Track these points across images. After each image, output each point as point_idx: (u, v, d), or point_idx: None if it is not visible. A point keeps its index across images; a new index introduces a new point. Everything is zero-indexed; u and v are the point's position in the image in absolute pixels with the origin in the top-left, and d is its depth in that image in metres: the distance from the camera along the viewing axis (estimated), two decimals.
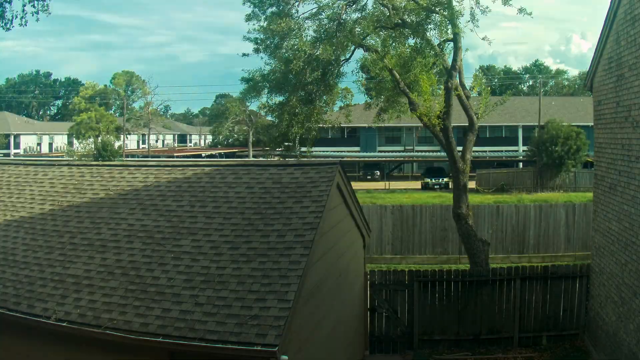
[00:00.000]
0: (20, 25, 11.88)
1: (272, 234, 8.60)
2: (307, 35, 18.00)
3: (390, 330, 14.46)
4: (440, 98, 17.60)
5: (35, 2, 11.84)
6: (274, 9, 17.81)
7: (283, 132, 19.13)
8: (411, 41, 18.81)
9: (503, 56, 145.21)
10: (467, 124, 17.70)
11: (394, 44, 18.62)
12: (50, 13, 12.13)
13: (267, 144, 22.57)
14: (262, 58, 18.62)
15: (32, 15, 11.95)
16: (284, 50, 18.09)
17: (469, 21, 16.94)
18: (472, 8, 16.63)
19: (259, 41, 18.22)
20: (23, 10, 11.81)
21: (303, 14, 18.11)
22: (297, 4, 17.88)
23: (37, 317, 7.82)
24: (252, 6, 18.03)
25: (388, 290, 14.49)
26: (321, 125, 20.25)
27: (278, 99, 19.23)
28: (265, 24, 17.79)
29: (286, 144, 19.92)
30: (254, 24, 18.11)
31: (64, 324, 7.58)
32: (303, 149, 20.12)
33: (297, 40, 17.60)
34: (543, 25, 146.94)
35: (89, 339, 7.50)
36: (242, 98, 26.85)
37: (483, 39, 23.74)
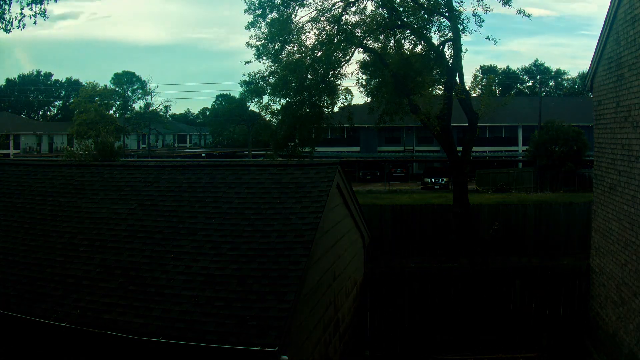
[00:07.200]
0: (19, 27, 11.92)
1: (272, 234, 8.60)
2: (307, 38, 18.08)
3: (390, 330, 14.45)
4: (441, 99, 17.63)
5: (33, 5, 11.87)
6: (274, 14, 17.83)
7: (287, 134, 19.13)
8: (411, 42, 18.83)
9: (504, 55, 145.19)
10: (467, 124, 17.71)
11: (394, 45, 18.64)
12: (47, 17, 12.18)
13: (270, 148, 22.55)
14: (264, 64, 18.63)
15: (30, 18, 12.00)
16: (284, 55, 18.11)
17: (470, 20, 17.00)
18: (474, 8, 16.69)
19: (260, 48, 18.25)
20: (21, 14, 11.85)
21: (302, 17, 18.21)
22: (297, 8, 17.93)
23: (37, 317, 7.81)
24: (253, 14, 18.05)
25: (388, 290, 14.50)
26: (325, 126, 20.26)
27: (282, 101, 19.26)
28: (266, 30, 17.83)
29: (291, 143, 19.97)
30: (255, 32, 18.18)
31: (64, 324, 7.58)
32: (306, 149, 20.12)
33: (298, 43, 17.63)
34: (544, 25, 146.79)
35: (88, 339, 7.49)
36: (242, 98, 26.88)
37: (487, 38, 23.74)
